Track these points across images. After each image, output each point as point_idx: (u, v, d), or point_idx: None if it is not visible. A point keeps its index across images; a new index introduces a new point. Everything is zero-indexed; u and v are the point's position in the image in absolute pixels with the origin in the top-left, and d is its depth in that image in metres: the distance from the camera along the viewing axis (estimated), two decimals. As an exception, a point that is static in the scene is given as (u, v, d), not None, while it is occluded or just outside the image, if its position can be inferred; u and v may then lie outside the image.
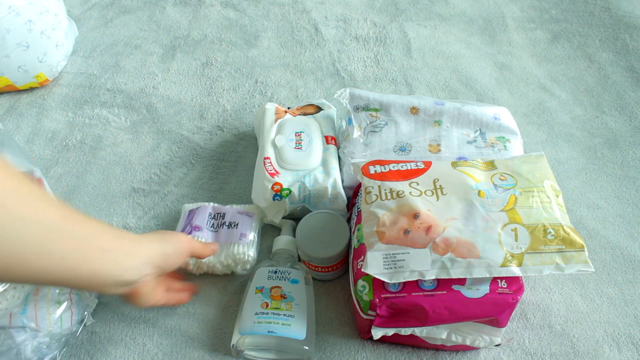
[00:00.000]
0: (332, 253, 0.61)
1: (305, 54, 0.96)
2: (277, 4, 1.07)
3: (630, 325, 0.62)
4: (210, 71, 0.94)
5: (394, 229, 0.53)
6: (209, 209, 0.68)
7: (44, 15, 0.85)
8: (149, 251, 0.50)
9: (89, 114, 0.87)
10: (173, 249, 0.54)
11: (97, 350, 0.61)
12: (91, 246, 0.44)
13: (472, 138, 0.70)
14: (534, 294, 0.64)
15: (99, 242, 0.45)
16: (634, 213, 0.73)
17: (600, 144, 0.81)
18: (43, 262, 0.41)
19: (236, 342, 0.57)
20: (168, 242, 0.53)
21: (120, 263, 0.47)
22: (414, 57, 0.95)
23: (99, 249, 0.45)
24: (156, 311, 0.64)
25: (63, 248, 0.42)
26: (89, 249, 0.44)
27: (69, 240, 0.42)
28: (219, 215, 0.68)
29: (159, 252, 0.51)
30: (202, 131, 0.84)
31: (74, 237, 0.43)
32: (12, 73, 0.86)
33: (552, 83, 0.91)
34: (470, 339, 0.55)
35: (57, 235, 0.41)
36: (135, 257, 0.49)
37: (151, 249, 0.51)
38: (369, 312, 0.54)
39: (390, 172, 0.59)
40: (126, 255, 0.48)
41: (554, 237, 0.51)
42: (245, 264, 0.65)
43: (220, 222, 0.67)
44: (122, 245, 0.48)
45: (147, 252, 0.50)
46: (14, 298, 0.56)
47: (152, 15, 1.05)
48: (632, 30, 0.98)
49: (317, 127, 0.73)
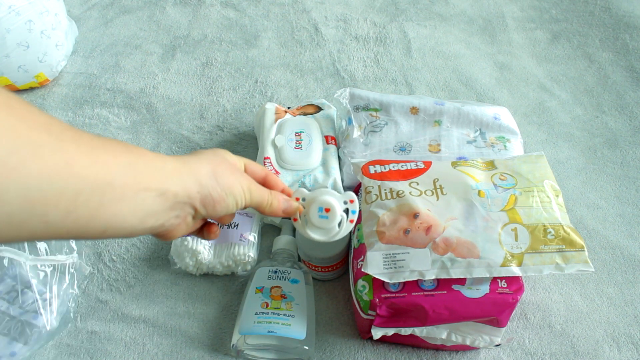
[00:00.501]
0: (332, 253, 0.61)
1: (305, 54, 0.96)
2: (277, 4, 1.07)
3: (630, 325, 0.62)
4: (210, 71, 0.94)
5: (394, 228, 0.53)
6: None
7: (44, 15, 0.85)
8: (183, 188, 0.37)
9: (89, 114, 0.87)
10: (223, 191, 0.40)
11: (97, 350, 0.61)
12: (94, 186, 0.31)
13: (472, 138, 0.70)
14: (534, 294, 0.64)
15: (105, 176, 0.32)
16: (634, 213, 0.73)
17: (600, 144, 0.81)
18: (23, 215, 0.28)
19: (236, 342, 0.57)
20: (217, 180, 0.40)
21: (135, 209, 0.34)
22: (414, 57, 0.95)
23: (105, 189, 0.32)
24: (156, 311, 0.64)
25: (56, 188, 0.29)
26: (90, 189, 0.31)
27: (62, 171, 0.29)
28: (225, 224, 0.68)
29: (197, 190, 0.38)
30: (202, 131, 0.84)
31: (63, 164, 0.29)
32: (12, 73, 0.86)
33: (552, 83, 0.91)
34: (470, 339, 0.55)
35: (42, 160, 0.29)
36: (161, 197, 0.35)
37: (187, 185, 0.37)
38: (369, 312, 0.54)
39: (390, 172, 0.59)
40: (145, 197, 0.34)
41: (554, 237, 0.51)
42: (246, 264, 0.65)
43: (224, 225, 0.67)
44: (140, 179, 0.34)
45: (180, 189, 0.37)
46: None
47: (152, 15, 1.05)
48: (632, 30, 0.98)
49: (317, 127, 0.74)
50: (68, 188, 0.30)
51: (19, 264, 0.60)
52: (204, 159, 0.40)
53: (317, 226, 0.51)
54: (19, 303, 0.59)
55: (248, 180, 0.44)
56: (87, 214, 0.31)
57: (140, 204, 0.34)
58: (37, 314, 0.59)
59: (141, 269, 0.68)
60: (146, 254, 0.69)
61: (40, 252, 0.62)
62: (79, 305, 0.65)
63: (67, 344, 0.61)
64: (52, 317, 0.60)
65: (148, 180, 0.35)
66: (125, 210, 0.34)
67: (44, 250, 0.62)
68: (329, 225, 0.51)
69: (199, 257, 0.64)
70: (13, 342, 0.57)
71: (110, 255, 0.69)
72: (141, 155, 0.36)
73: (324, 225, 0.51)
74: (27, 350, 0.58)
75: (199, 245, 0.64)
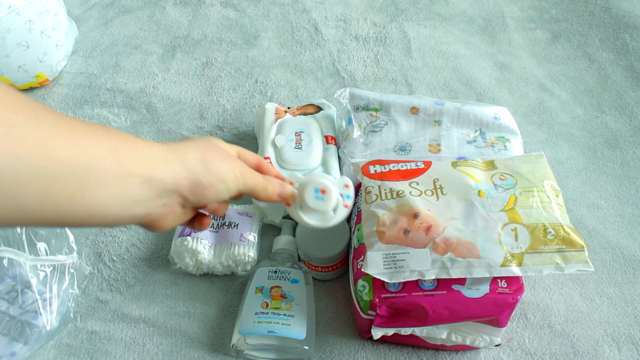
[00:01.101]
0: (332, 253, 0.61)
1: (305, 54, 0.96)
2: (277, 4, 1.07)
3: (630, 325, 0.62)
4: (210, 71, 0.94)
5: (393, 228, 0.53)
6: None
7: (44, 15, 0.85)
8: (171, 175, 0.36)
9: (89, 114, 0.87)
10: (213, 176, 0.39)
11: (97, 350, 0.61)
12: (73, 170, 0.30)
13: (472, 138, 0.70)
14: (534, 294, 0.64)
15: (85, 159, 0.31)
16: (634, 213, 0.73)
17: (600, 144, 0.81)
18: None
19: (236, 342, 0.57)
20: (206, 166, 0.38)
21: (119, 196, 0.33)
22: (414, 57, 0.95)
23: (85, 173, 0.31)
24: (156, 311, 0.64)
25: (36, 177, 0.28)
26: (68, 173, 0.30)
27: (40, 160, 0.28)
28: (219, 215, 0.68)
29: (185, 177, 0.37)
30: (202, 131, 0.84)
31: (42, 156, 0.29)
32: (12, 73, 0.86)
33: (552, 83, 0.91)
34: (470, 339, 0.55)
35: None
36: (146, 185, 0.34)
37: (175, 172, 0.36)
38: (369, 312, 0.54)
39: (390, 171, 0.59)
40: (129, 184, 0.33)
41: (554, 237, 0.51)
42: (246, 264, 0.65)
43: (221, 222, 0.67)
44: (124, 164, 0.33)
45: (167, 176, 0.35)
46: None
47: (152, 15, 1.05)
48: (632, 30, 0.98)
49: (317, 127, 0.73)
50: (43, 170, 0.28)
51: (19, 264, 0.60)
52: (193, 146, 0.39)
53: (312, 208, 0.49)
54: (19, 303, 0.59)
55: (241, 165, 0.42)
56: (66, 199, 0.30)
57: (124, 190, 0.33)
58: (37, 314, 0.59)
59: (141, 269, 0.68)
60: (146, 254, 0.69)
61: (40, 252, 0.62)
62: (79, 305, 0.65)
63: (67, 344, 0.61)
64: (52, 317, 0.60)
65: (133, 166, 0.33)
66: (108, 197, 0.32)
67: (44, 250, 0.62)
68: (324, 207, 0.49)
69: (199, 257, 0.64)
70: (13, 342, 0.57)
71: (110, 255, 0.69)
72: (126, 141, 0.34)
73: (319, 207, 0.49)
74: (27, 350, 0.58)
75: (199, 245, 0.64)
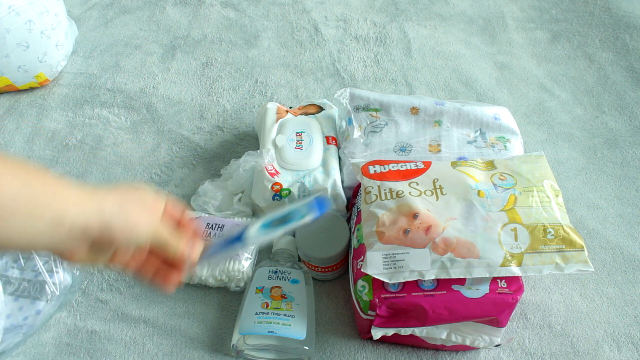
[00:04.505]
0: (332, 253, 0.61)
1: (305, 54, 0.96)
2: (277, 4, 1.07)
3: (630, 325, 0.62)
4: (210, 71, 0.94)
5: (393, 228, 0.53)
6: (207, 219, 0.67)
7: (44, 15, 0.85)
8: (81, 218, 0.35)
9: (89, 114, 0.87)
10: (126, 222, 0.37)
11: (97, 350, 0.61)
12: None
13: (472, 138, 0.70)
14: (534, 294, 0.64)
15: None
16: (634, 213, 0.73)
17: (600, 144, 0.81)
18: None
19: (236, 342, 0.57)
20: (122, 211, 0.37)
21: (25, 231, 0.33)
22: (414, 57, 0.95)
23: None
24: (156, 311, 0.64)
25: None
26: None
27: None
28: (217, 226, 0.66)
29: (96, 220, 0.36)
30: (202, 131, 0.84)
31: None
32: (12, 73, 0.86)
33: (552, 83, 0.91)
34: (470, 339, 0.55)
35: None
36: (54, 225, 0.34)
37: (87, 216, 0.35)
38: (369, 312, 0.54)
39: (389, 172, 0.59)
40: (37, 223, 0.33)
41: (553, 236, 0.51)
42: (240, 281, 0.64)
43: (218, 233, 0.66)
44: (35, 202, 0.33)
45: (76, 219, 0.35)
46: None
47: (152, 15, 1.05)
48: (632, 30, 0.98)
49: (318, 127, 0.73)
50: None
51: None
52: (116, 192, 0.39)
53: None
54: (30, 267, 0.62)
55: (158, 221, 0.41)
56: None
57: (31, 227, 0.33)
58: (53, 272, 0.62)
59: (141, 269, 0.68)
60: (146, 254, 0.69)
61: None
62: (79, 305, 0.65)
63: (67, 344, 0.61)
64: (65, 274, 0.63)
65: (43, 206, 0.34)
66: (15, 230, 0.33)
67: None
68: None
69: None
70: (35, 302, 0.60)
71: (110, 255, 0.69)
72: (42, 179, 0.35)
73: None
74: (51, 307, 0.61)
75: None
